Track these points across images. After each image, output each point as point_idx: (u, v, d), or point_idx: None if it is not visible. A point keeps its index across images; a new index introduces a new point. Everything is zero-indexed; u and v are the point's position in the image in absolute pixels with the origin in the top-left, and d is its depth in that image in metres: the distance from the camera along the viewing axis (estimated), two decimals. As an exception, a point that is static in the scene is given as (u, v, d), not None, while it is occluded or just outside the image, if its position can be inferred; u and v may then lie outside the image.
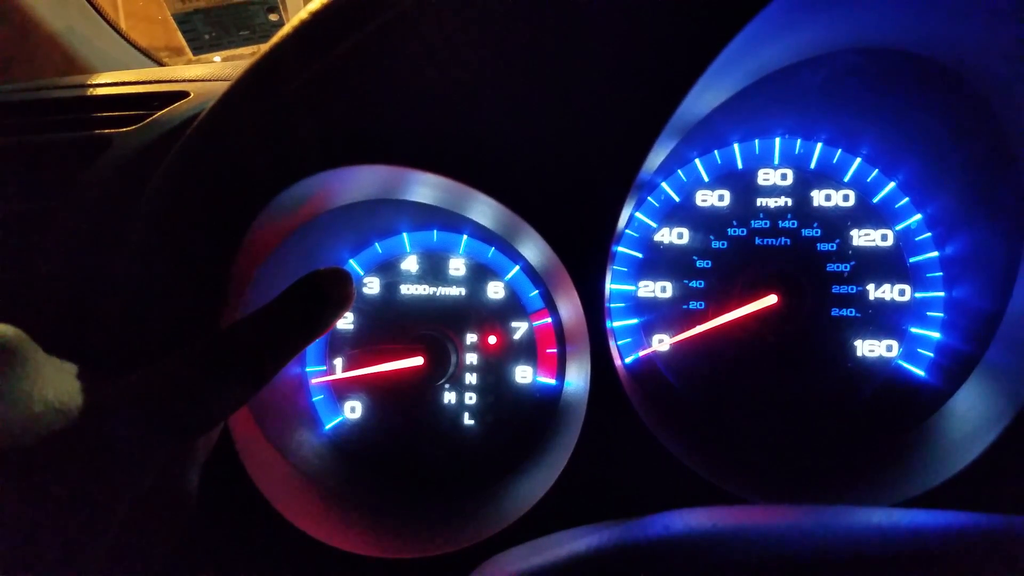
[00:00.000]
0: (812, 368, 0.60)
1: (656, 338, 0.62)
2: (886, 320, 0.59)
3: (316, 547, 0.48)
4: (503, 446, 0.62)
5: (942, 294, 0.58)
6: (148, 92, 0.63)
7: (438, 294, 0.64)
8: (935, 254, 0.58)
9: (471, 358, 0.63)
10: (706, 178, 0.62)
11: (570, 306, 0.52)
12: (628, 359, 0.62)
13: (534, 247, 0.53)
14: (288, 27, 0.43)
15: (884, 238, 0.59)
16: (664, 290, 0.62)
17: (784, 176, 0.61)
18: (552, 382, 0.62)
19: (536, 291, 0.63)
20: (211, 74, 0.67)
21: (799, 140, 0.60)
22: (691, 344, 0.61)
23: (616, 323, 0.62)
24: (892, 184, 0.59)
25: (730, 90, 0.53)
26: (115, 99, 0.63)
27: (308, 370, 0.64)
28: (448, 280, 0.64)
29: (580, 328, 0.49)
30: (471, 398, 0.63)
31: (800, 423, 0.60)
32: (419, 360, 0.62)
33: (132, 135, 0.57)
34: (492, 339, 0.63)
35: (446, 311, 0.64)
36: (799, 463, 0.56)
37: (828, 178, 0.60)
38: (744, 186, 0.61)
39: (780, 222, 0.60)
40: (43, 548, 0.28)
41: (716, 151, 0.61)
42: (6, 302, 0.53)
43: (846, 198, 0.60)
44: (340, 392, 0.65)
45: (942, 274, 0.58)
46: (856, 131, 0.58)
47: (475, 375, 0.63)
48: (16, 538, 0.28)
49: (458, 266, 0.64)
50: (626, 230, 0.62)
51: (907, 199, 0.58)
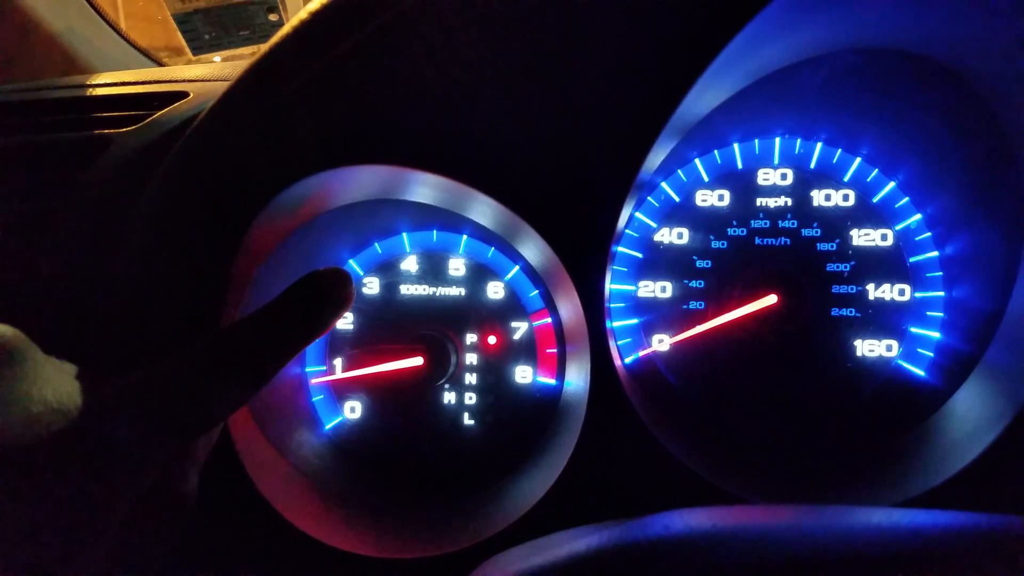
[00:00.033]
0: (812, 368, 0.60)
1: (656, 338, 0.62)
2: (886, 320, 0.59)
3: (316, 547, 0.48)
4: (503, 446, 0.62)
5: (942, 294, 0.58)
6: (148, 92, 0.63)
7: (438, 294, 0.64)
8: (935, 254, 0.58)
9: (471, 358, 0.63)
10: (706, 178, 0.62)
11: (570, 306, 0.52)
12: (628, 359, 0.62)
13: (534, 247, 0.53)
14: (288, 27, 0.43)
15: (884, 238, 0.59)
16: (664, 290, 0.62)
17: (784, 176, 0.61)
18: (552, 382, 0.62)
19: (536, 291, 0.63)
20: (211, 74, 0.67)
21: (799, 140, 0.60)
22: (691, 344, 0.61)
23: (616, 323, 0.62)
24: (892, 184, 0.59)
25: (730, 90, 0.53)
26: (115, 99, 0.63)
27: (308, 370, 0.64)
28: (448, 280, 0.64)
29: (580, 328, 0.49)
30: (471, 398, 0.63)
31: (800, 423, 0.60)
32: (419, 360, 0.62)
33: (132, 135, 0.57)
34: (492, 339, 0.63)
35: (446, 311, 0.64)
36: (799, 463, 0.56)
37: (828, 178, 0.60)
38: (744, 186, 0.61)
39: (780, 222, 0.60)
40: (43, 548, 0.28)
41: (716, 151, 0.61)
42: (6, 302, 0.53)
43: (846, 198, 0.60)
44: (340, 392, 0.65)
45: (942, 274, 0.58)
46: (856, 131, 0.58)
47: (475, 375, 0.63)
48: (16, 538, 0.28)
49: (458, 266, 0.64)
50: (626, 230, 0.62)
51: (907, 199, 0.58)
